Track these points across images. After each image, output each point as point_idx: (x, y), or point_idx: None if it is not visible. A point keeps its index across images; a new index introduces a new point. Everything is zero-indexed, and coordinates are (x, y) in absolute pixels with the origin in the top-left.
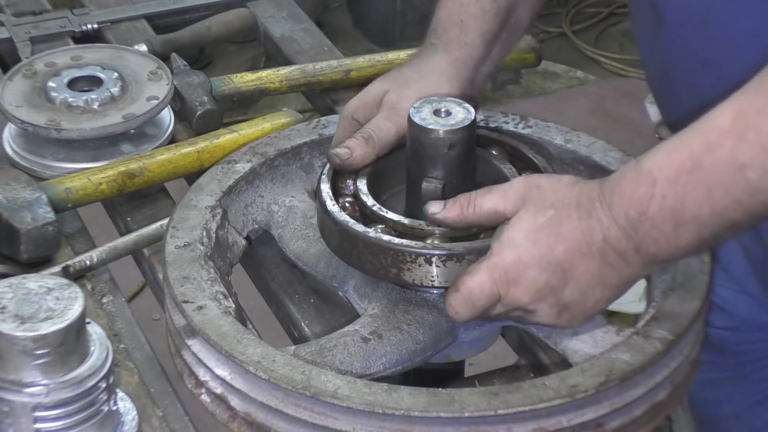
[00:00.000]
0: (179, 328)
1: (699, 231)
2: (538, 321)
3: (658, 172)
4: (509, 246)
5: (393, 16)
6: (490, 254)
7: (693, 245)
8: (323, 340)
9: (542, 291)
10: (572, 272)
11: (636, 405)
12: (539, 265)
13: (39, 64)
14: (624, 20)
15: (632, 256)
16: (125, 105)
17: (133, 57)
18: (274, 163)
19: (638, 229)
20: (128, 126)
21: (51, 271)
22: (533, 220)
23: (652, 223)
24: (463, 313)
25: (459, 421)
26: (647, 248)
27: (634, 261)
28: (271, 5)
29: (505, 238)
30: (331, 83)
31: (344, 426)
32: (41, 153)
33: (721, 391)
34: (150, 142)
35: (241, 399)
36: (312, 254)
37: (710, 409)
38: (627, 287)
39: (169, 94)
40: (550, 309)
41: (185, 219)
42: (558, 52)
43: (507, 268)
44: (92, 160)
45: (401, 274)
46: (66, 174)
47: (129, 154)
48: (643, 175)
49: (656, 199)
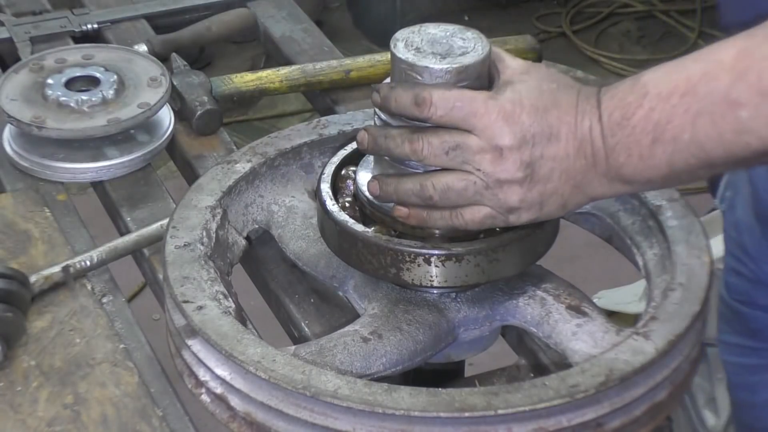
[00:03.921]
0: (179, 328)
1: (672, 155)
2: (499, 175)
3: (653, 87)
4: (512, 90)
5: (393, 16)
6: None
7: (661, 170)
8: (323, 340)
9: (525, 139)
10: (555, 143)
11: (636, 405)
12: (534, 114)
13: (50, 59)
14: (624, 20)
15: (601, 161)
16: (115, 109)
17: (141, 61)
18: (274, 163)
19: (616, 133)
20: (108, 130)
21: (51, 271)
22: (538, 83)
23: (631, 130)
24: (438, 107)
25: (459, 421)
26: (617, 157)
27: (600, 167)
28: (271, 5)
29: (509, 87)
30: (331, 83)
31: (344, 426)
32: (41, 153)
33: (757, 378)
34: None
35: (241, 399)
36: (312, 254)
37: (746, 395)
38: (584, 199)
39: (160, 103)
40: (519, 164)
41: (185, 219)
42: (558, 52)
43: (505, 102)
44: (92, 160)
45: (400, 274)
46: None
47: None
48: (637, 86)
49: (643, 108)
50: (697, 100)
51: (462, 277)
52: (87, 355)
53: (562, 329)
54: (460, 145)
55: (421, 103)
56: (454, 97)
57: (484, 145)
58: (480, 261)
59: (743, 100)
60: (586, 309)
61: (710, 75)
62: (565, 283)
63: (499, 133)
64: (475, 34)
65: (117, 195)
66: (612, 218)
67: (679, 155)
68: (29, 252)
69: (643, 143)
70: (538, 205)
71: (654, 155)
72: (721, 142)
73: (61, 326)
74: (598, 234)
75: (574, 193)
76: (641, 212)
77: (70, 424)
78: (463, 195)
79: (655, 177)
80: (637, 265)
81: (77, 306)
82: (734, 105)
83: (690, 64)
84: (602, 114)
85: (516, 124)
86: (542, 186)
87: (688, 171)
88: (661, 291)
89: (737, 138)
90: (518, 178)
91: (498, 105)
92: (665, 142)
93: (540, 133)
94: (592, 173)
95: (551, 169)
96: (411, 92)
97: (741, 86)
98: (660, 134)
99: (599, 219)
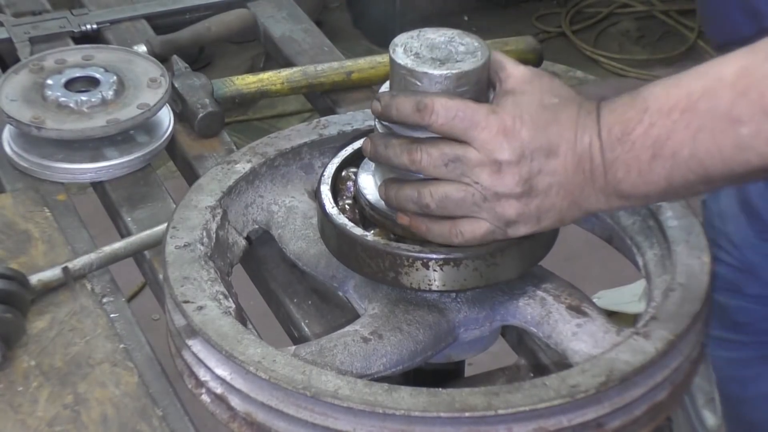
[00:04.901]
0: (179, 329)
1: (672, 171)
2: (497, 189)
3: (653, 102)
4: (513, 103)
5: (393, 16)
6: (491, 106)
7: (660, 186)
8: (323, 340)
9: (524, 155)
10: (553, 158)
11: (636, 405)
12: (534, 130)
13: (50, 60)
14: (623, 20)
15: (599, 177)
16: (114, 109)
17: (142, 62)
18: (274, 163)
19: (615, 149)
20: (108, 131)
21: (52, 271)
22: (540, 96)
23: (631, 146)
24: (439, 115)
25: (459, 421)
26: (615, 172)
27: (598, 183)
28: (271, 5)
29: (511, 99)
30: (333, 85)
31: (344, 426)
32: (40, 153)
33: (747, 371)
34: (141, 148)
35: (241, 399)
36: (312, 254)
37: (735, 389)
38: (578, 213)
39: (159, 104)
40: (518, 179)
41: (185, 219)
42: (558, 52)
43: (505, 117)
44: (91, 160)
45: (399, 278)
46: (65, 175)
47: (112, 159)
48: (637, 101)
49: (643, 124)
50: (697, 116)
51: (460, 281)
52: (87, 355)
53: (562, 329)
54: (459, 158)
55: (423, 110)
56: (456, 107)
57: (483, 158)
58: (478, 265)
59: (745, 118)
60: (586, 309)
61: (711, 92)
62: (565, 283)
63: (498, 147)
64: (475, 40)
65: (117, 195)
66: (612, 218)
67: (678, 171)
68: (29, 252)
69: (643, 159)
70: (536, 218)
71: (653, 171)
72: (721, 158)
73: (61, 326)
74: (598, 234)
75: (570, 208)
76: (641, 212)
77: (70, 424)
78: (461, 205)
79: (653, 192)
80: (637, 265)
81: (77, 306)
82: (735, 122)
83: (690, 81)
84: (601, 129)
85: (516, 140)
86: (540, 201)
87: (686, 186)
88: (661, 291)
89: (737, 155)
90: (516, 192)
91: (499, 119)
92: (665, 158)
93: (539, 149)
94: (589, 188)
95: (549, 184)
96: (413, 99)
97: (742, 104)
98: (659, 150)
99: (599, 219)
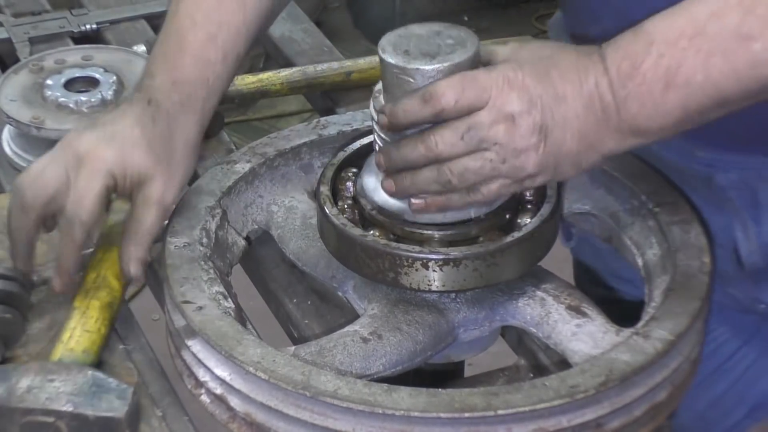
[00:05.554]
0: (179, 329)
1: (687, 98)
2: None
3: (658, 34)
4: (510, 60)
5: (393, 16)
6: (488, 67)
7: (675, 116)
8: (323, 341)
9: (533, 101)
10: (562, 103)
11: (636, 405)
12: (536, 76)
13: (49, 60)
14: None
15: (613, 115)
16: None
17: (141, 62)
18: (273, 163)
19: (626, 84)
20: None
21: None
22: (532, 53)
23: (642, 79)
24: (448, 95)
25: (459, 421)
26: (630, 108)
27: (612, 122)
28: None
29: (505, 60)
30: (332, 85)
31: (344, 426)
32: (40, 154)
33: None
34: None
35: (241, 399)
36: (312, 254)
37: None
38: (597, 157)
39: None
40: (532, 127)
41: (185, 219)
42: None
43: (507, 71)
44: None
45: (398, 278)
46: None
47: None
48: (641, 35)
49: (652, 56)
50: (707, 40)
51: (460, 282)
52: None
53: (562, 329)
54: (472, 126)
55: (430, 99)
56: (459, 81)
57: (495, 116)
58: (478, 265)
59: (756, 33)
60: (586, 309)
61: (718, 13)
62: (564, 283)
63: (507, 100)
64: (462, 31)
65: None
66: (612, 218)
67: (693, 98)
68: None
69: (656, 91)
70: (553, 167)
71: (667, 101)
72: (736, 78)
73: (61, 326)
74: (598, 234)
75: (587, 152)
76: (641, 212)
77: None
78: (481, 173)
79: (669, 123)
80: (637, 265)
81: None
82: (747, 39)
83: (692, 7)
84: (608, 67)
85: (521, 89)
86: (557, 148)
87: (701, 113)
88: (661, 291)
89: (752, 71)
90: (533, 143)
91: (499, 73)
92: (678, 87)
93: (545, 94)
94: (603, 129)
95: (563, 130)
96: (415, 95)
97: (751, 19)
98: (672, 79)
99: (599, 219)
